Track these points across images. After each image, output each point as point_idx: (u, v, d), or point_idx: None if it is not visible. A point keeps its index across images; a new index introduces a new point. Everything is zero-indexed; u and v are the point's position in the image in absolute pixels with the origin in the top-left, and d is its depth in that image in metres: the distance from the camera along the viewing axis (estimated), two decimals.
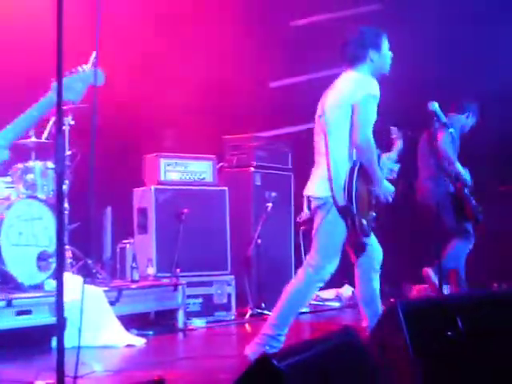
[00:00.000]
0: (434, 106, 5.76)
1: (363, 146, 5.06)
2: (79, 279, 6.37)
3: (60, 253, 3.54)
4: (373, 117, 5.12)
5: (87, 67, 4.12)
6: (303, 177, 9.09)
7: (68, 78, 4.08)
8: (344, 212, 5.11)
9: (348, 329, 3.08)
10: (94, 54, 7.02)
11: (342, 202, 5.10)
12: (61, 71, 3.35)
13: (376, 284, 5.67)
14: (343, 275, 9.49)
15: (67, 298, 3.79)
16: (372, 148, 5.08)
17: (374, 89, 5.13)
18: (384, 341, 3.95)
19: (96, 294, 6.45)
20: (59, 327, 3.43)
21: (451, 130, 5.69)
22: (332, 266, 5.35)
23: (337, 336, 3.00)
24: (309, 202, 5.66)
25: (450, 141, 7.12)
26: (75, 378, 3.83)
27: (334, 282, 9.58)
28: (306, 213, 8.37)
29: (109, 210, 8.67)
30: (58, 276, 3.45)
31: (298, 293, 5.40)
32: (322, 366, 2.56)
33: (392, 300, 7.51)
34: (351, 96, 5.14)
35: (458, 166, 7.45)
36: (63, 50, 3.34)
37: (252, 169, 8.59)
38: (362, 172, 5.11)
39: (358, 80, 5.21)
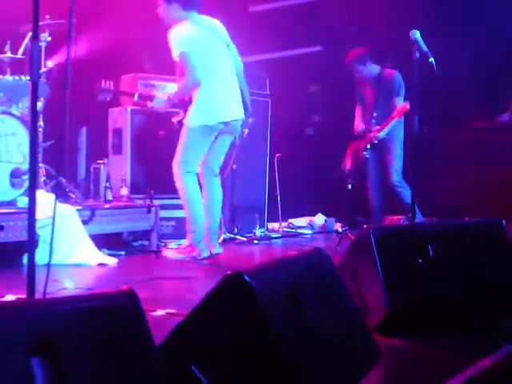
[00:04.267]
0: (416, 34, 5.71)
1: None
2: (52, 197, 6.34)
3: (33, 170, 3.50)
4: None
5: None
6: (281, 102, 9.14)
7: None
8: None
9: (319, 250, 3.09)
10: None
11: None
12: None
13: None
14: (316, 204, 9.61)
15: (40, 215, 3.78)
16: None
17: None
18: (356, 265, 3.99)
19: (69, 213, 6.44)
20: (30, 244, 3.42)
21: (431, 59, 5.63)
22: None
23: (308, 256, 3.01)
24: None
25: None
26: (45, 293, 3.84)
27: (308, 210, 9.70)
28: None
29: (84, 129, 8.60)
30: (30, 193, 3.43)
31: None
32: (292, 283, 2.57)
33: (365, 227, 7.56)
34: None
35: None
36: None
37: None
38: None
39: None
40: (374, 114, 8.11)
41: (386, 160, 8.11)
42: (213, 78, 6.35)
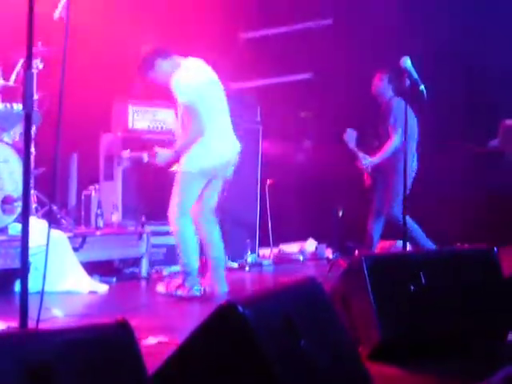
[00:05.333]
0: (406, 61, 5.75)
1: None
2: (44, 224, 6.33)
3: (26, 196, 3.51)
4: None
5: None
6: (271, 130, 9.16)
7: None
8: None
9: (311, 279, 3.10)
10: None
11: None
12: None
13: None
14: (307, 230, 9.60)
15: (31, 242, 3.77)
16: None
17: None
18: (348, 293, 4.00)
19: (60, 240, 6.43)
20: (23, 271, 3.41)
21: (422, 86, 5.67)
22: None
23: (301, 285, 3.02)
24: None
25: None
26: (38, 321, 3.83)
27: (298, 236, 9.70)
28: None
29: (75, 155, 8.60)
30: (23, 220, 3.43)
31: None
32: (285, 312, 2.58)
33: (357, 254, 7.57)
34: None
35: None
36: None
37: None
38: None
39: None
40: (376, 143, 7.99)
41: (383, 190, 7.95)
42: (211, 122, 6.33)
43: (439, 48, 9.16)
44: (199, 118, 6.23)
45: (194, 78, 6.35)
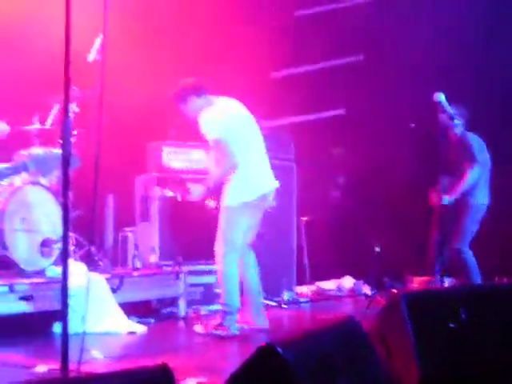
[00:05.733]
0: (440, 96, 5.75)
1: None
2: (82, 266, 6.38)
3: (65, 239, 3.55)
4: None
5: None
6: (306, 167, 9.17)
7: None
8: None
9: (351, 318, 3.09)
10: (99, 38, 7.06)
11: None
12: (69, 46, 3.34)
13: None
14: (344, 266, 9.56)
15: (70, 284, 3.80)
16: None
17: None
18: (387, 331, 3.96)
19: (98, 281, 6.46)
20: (63, 313, 3.44)
21: (457, 121, 5.66)
22: None
23: (340, 325, 3.01)
24: None
25: None
26: (79, 363, 3.85)
27: (335, 273, 9.66)
28: None
29: (111, 197, 8.66)
30: (63, 262, 3.47)
31: None
32: (324, 352, 2.57)
33: (394, 291, 7.51)
34: None
35: None
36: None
37: None
38: None
39: None
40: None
41: (453, 224, 7.76)
42: (247, 156, 6.38)
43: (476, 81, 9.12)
44: (230, 153, 6.27)
45: (223, 115, 6.41)
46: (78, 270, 5.95)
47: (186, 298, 7.38)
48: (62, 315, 3.45)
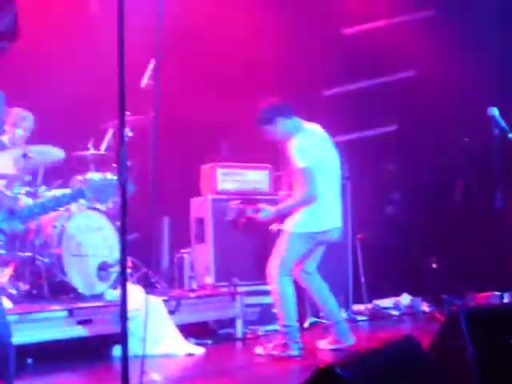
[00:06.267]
0: (494, 111, 5.70)
1: None
2: (139, 289, 6.43)
3: (123, 263, 3.58)
4: None
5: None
6: (359, 184, 9.14)
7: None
8: None
9: (410, 337, 3.06)
10: (152, 63, 7.16)
11: None
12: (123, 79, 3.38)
13: None
14: (401, 284, 9.48)
15: (128, 307, 3.83)
16: None
17: None
18: (446, 349, 3.92)
19: (156, 304, 6.49)
20: (123, 336, 3.47)
21: (511, 135, 5.60)
22: None
23: (399, 344, 2.98)
24: None
25: None
26: None
27: (392, 290, 9.58)
28: None
29: (166, 219, 8.73)
30: (122, 285, 3.50)
31: None
32: (385, 374, 2.55)
33: (454, 308, 7.42)
34: None
35: None
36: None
37: None
38: None
39: None
40: None
41: None
42: (326, 189, 6.37)
43: None
44: (314, 185, 6.24)
45: (315, 145, 6.38)
46: (135, 292, 6.01)
47: (243, 318, 7.38)
48: (121, 338, 3.47)
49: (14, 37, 3.07)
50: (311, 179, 6.23)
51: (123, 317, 3.43)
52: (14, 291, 6.31)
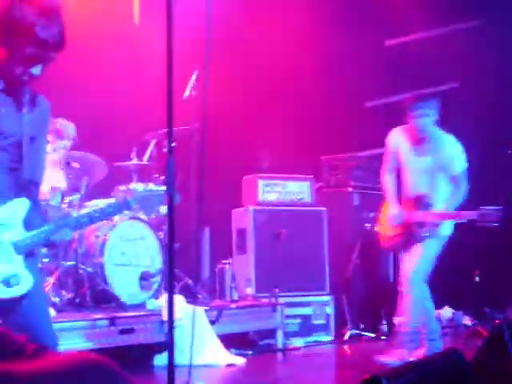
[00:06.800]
0: None
1: None
2: (181, 299, 6.46)
3: (169, 274, 3.61)
4: None
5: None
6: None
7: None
8: None
9: (454, 350, 3.04)
10: (195, 74, 7.20)
11: None
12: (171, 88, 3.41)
13: None
14: (443, 297, 9.40)
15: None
16: None
17: None
18: (490, 363, 3.88)
19: (198, 314, 6.51)
20: (169, 344, 3.49)
21: None
22: None
23: (443, 357, 2.96)
24: None
25: None
26: None
27: (434, 303, 9.51)
28: None
29: (207, 230, 8.76)
30: (168, 295, 3.52)
31: None
32: None
33: (497, 322, 7.34)
34: None
35: None
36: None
37: (350, 189, 8.57)
38: None
39: None
40: None
41: None
42: None
43: None
44: (466, 187, 6.30)
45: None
46: (178, 302, 6.03)
47: (284, 329, 7.38)
48: (168, 347, 3.49)
49: (61, 48, 3.12)
50: (465, 183, 6.33)
51: (170, 326, 3.45)
52: (57, 300, 6.37)
